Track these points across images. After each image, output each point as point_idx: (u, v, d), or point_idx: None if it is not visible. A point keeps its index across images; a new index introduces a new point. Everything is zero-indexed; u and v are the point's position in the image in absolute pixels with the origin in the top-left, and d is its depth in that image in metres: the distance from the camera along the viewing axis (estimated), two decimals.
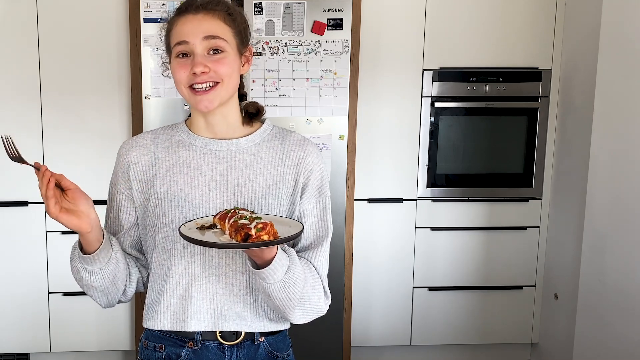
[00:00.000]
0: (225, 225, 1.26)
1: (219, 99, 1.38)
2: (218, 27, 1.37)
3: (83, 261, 1.35)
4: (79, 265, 1.36)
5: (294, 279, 1.34)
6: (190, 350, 1.43)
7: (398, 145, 3.16)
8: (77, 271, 1.38)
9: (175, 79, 1.39)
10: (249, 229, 1.20)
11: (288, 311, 1.38)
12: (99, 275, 1.37)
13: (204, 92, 1.36)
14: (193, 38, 1.35)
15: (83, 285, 1.40)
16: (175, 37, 1.38)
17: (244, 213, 1.27)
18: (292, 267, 1.33)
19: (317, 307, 1.42)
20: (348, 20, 2.85)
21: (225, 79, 1.37)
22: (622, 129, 2.65)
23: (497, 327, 3.35)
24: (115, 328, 3.18)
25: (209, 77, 1.35)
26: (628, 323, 2.58)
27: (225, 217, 1.27)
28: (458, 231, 3.25)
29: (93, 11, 2.98)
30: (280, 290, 1.32)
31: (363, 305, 3.26)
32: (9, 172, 3.04)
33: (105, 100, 3.04)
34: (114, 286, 1.41)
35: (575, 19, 3.04)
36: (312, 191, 1.45)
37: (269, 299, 1.35)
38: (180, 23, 1.38)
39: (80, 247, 1.36)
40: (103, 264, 1.36)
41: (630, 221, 2.57)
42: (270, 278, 1.29)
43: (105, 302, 1.45)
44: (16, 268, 3.10)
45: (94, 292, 1.41)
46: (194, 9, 1.38)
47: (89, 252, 1.34)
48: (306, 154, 1.45)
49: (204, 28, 1.36)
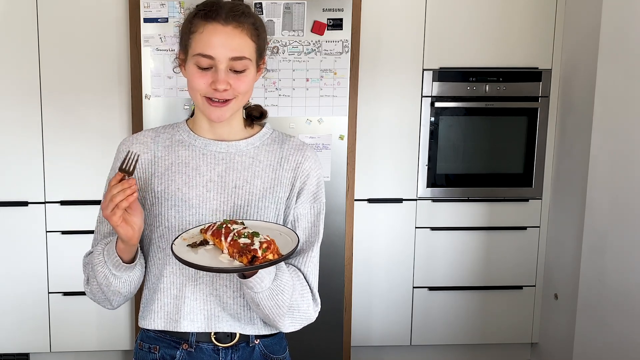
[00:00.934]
0: (223, 244, 1.25)
1: (232, 112, 1.39)
2: (245, 45, 1.36)
3: (115, 268, 1.36)
4: (107, 271, 1.37)
5: (282, 287, 1.34)
6: (184, 352, 1.43)
7: (398, 145, 3.16)
8: (105, 277, 1.38)
9: (192, 86, 1.37)
10: (255, 251, 1.20)
11: (277, 319, 1.38)
12: (128, 281, 1.39)
13: (220, 105, 1.36)
14: (220, 54, 1.33)
15: (109, 291, 1.40)
16: (199, 45, 1.34)
17: (238, 228, 1.26)
18: (280, 275, 1.34)
19: (306, 314, 1.42)
20: (348, 20, 2.85)
21: (242, 95, 1.38)
22: (622, 129, 2.65)
23: (497, 327, 3.35)
24: (115, 328, 3.18)
25: (227, 95, 1.36)
26: (628, 323, 2.58)
27: (220, 234, 1.26)
28: (458, 231, 3.25)
29: (93, 11, 2.98)
30: (268, 298, 1.32)
31: (363, 305, 3.26)
32: (9, 172, 3.04)
33: (105, 100, 3.04)
34: (135, 289, 1.44)
35: (575, 19, 3.04)
36: (307, 196, 1.45)
37: (258, 308, 1.35)
38: (208, 32, 1.34)
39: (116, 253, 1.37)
40: (132, 271, 1.39)
41: (630, 221, 2.57)
42: (258, 287, 1.30)
43: (120, 303, 1.46)
44: (16, 268, 3.10)
45: (117, 296, 1.42)
46: (223, 19, 1.34)
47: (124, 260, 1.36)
48: (304, 158, 1.46)
49: (232, 46, 1.34)
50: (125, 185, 1.27)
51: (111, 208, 1.27)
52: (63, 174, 3.05)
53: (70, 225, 3.07)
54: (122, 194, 1.26)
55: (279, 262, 1.22)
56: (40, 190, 3.06)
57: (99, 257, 1.38)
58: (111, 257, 1.36)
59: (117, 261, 1.35)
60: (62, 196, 3.07)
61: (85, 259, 1.45)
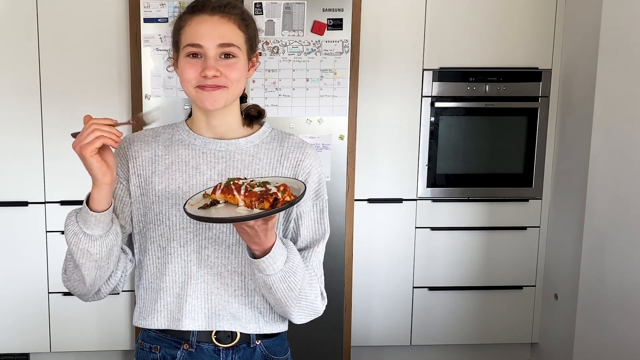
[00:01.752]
0: (237, 198, 1.23)
1: (224, 101, 1.39)
2: (233, 33, 1.37)
3: (85, 223, 1.31)
4: (77, 229, 1.31)
5: (294, 269, 1.34)
6: (185, 351, 1.43)
7: (398, 145, 3.16)
8: (74, 234, 1.32)
9: (183, 78, 1.38)
10: (275, 194, 1.20)
11: (289, 304, 1.37)
12: (98, 242, 1.32)
13: (211, 89, 1.36)
14: (208, 42, 1.35)
15: (78, 250, 1.32)
16: (188, 37, 1.37)
17: (246, 182, 1.26)
18: (291, 257, 1.34)
19: (314, 304, 1.42)
20: (348, 20, 2.85)
21: (234, 84, 1.38)
22: (622, 129, 2.65)
23: (497, 327, 3.35)
24: (115, 328, 3.18)
25: (219, 81, 1.36)
26: (628, 323, 2.58)
27: (231, 190, 1.25)
28: (458, 231, 3.25)
29: (93, 11, 2.98)
30: (281, 280, 1.32)
31: (363, 305, 3.26)
32: (9, 172, 3.04)
33: (105, 100, 3.04)
34: (108, 260, 1.36)
35: (575, 19, 3.04)
36: (310, 194, 1.46)
37: (270, 292, 1.35)
38: (195, 23, 1.36)
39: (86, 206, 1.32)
40: (104, 231, 1.32)
41: (630, 221, 2.57)
42: (271, 268, 1.30)
43: (92, 277, 1.36)
44: (16, 268, 3.10)
45: (87, 260, 1.33)
46: (209, 10, 1.36)
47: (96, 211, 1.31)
48: (304, 156, 1.46)
49: (219, 33, 1.35)
50: (114, 122, 1.27)
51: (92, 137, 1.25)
52: (63, 174, 3.05)
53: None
54: (109, 132, 1.26)
55: (297, 201, 1.21)
56: (40, 190, 3.06)
57: (70, 218, 1.34)
58: (81, 212, 1.32)
59: (85, 211, 1.30)
60: (62, 196, 3.07)
61: None
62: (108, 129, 1.27)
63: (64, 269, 1.41)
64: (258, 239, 1.26)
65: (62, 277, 1.43)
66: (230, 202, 1.25)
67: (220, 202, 1.26)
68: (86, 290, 1.40)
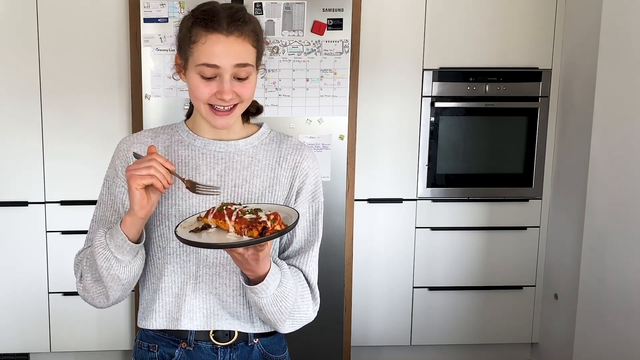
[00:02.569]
0: (228, 223, 1.25)
1: (236, 118, 1.40)
2: (248, 52, 1.36)
3: (118, 249, 1.33)
4: (108, 254, 1.34)
5: (286, 293, 1.36)
6: (183, 350, 1.44)
7: (398, 145, 3.16)
8: (106, 259, 1.34)
9: (195, 95, 1.37)
10: (264, 222, 1.21)
11: (278, 323, 1.40)
12: (128, 267, 1.36)
13: (225, 114, 1.36)
14: (224, 61, 1.32)
15: (108, 275, 1.35)
16: (203, 56, 1.33)
17: (239, 208, 1.27)
18: (284, 282, 1.35)
19: (305, 315, 1.44)
20: (348, 20, 2.85)
21: (247, 102, 1.39)
22: (622, 129, 2.65)
23: (497, 327, 3.35)
24: (115, 328, 3.18)
25: (232, 102, 1.36)
26: (628, 323, 2.58)
27: (222, 215, 1.26)
28: (458, 231, 3.25)
29: (93, 11, 2.98)
30: (272, 304, 1.34)
31: (363, 305, 3.26)
32: (9, 172, 3.04)
33: (105, 100, 3.04)
34: (133, 282, 1.41)
35: (575, 19, 3.04)
36: (306, 196, 1.46)
37: (261, 312, 1.37)
38: (210, 43, 1.32)
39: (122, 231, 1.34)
40: (133, 257, 1.36)
41: (630, 221, 2.57)
42: (263, 293, 1.32)
43: (116, 297, 1.41)
44: (16, 268, 3.10)
45: (115, 283, 1.37)
46: (225, 30, 1.32)
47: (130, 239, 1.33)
48: (302, 158, 1.47)
49: (236, 54, 1.33)
50: (168, 176, 1.28)
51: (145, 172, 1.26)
52: (63, 174, 3.05)
53: (70, 225, 3.07)
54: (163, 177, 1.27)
55: (287, 231, 1.22)
56: (40, 190, 3.06)
57: (101, 240, 1.35)
58: (114, 238, 1.33)
59: (122, 239, 1.32)
60: (62, 196, 3.07)
61: (79, 256, 1.43)
62: (164, 173, 1.28)
63: (81, 280, 1.42)
64: (249, 266, 1.27)
65: (77, 285, 1.44)
66: (222, 227, 1.27)
67: (212, 226, 1.28)
68: (106, 305, 1.44)
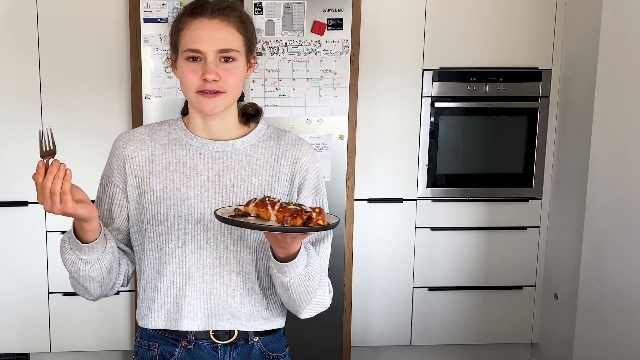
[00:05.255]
0: (270, 212, 1.25)
1: (223, 106, 1.39)
2: (232, 37, 1.37)
3: (80, 251, 1.32)
4: (74, 257, 1.33)
5: (312, 273, 1.36)
6: (183, 349, 1.44)
7: (398, 145, 3.16)
8: (72, 263, 1.34)
9: (184, 82, 1.38)
10: (310, 212, 1.22)
11: (302, 304, 1.40)
12: (97, 265, 1.34)
13: (211, 96, 1.36)
14: (207, 47, 1.35)
15: (80, 276, 1.36)
16: (188, 40, 1.37)
17: (283, 200, 1.29)
18: (311, 261, 1.36)
19: (322, 300, 1.45)
20: (348, 20, 2.85)
21: (232, 90, 1.38)
22: (622, 129, 2.65)
23: (497, 327, 3.35)
24: (115, 328, 3.18)
25: (218, 87, 1.36)
26: (628, 323, 2.58)
27: (265, 204, 1.26)
28: (458, 231, 3.25)
29: (93, 11, 2.98)
30: (299, 283, 1.35)
31: (363, 305, 3.26)
32: (9, 172, 3.04)
33: (105, 100, 3.04)
34: (109, 276, 1.40)
35: (575, 19, 3.04)
36: (309, 190, 1.47)
37: (287, 292, 1.37)
38: (194, 27, 1.36)
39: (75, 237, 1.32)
40: (100, 254, 1.34)
41: (630, 221, 2.57)
42: (292, 272, 1.32)
43: (98, 293, 1.41)
44: (16, 268, 3.10)
45: (90, 282, 1.37)
46: (209, 13, 1.36)
47: (87, 242, 1.32)
48: (301, 153, 1.47)
49: (219, 38, 1.35)
50: (55, 170, 1.20)
51: (58, 201, 1.20)
52: None
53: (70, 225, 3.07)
54: (59, 180, 1.20)
55: (329, 228, 1.23)
56: None
57: (65, 246, 1.34)
58: (72, 241, 1.32)
59: (78, 243, 1.31)
60: None
61: None
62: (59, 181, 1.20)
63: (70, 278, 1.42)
64: (285, 244, 1.27)
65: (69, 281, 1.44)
66: (262, 217, 1.27)
67: (252, 215, 1.28)
68: (94, 299, 1.45)
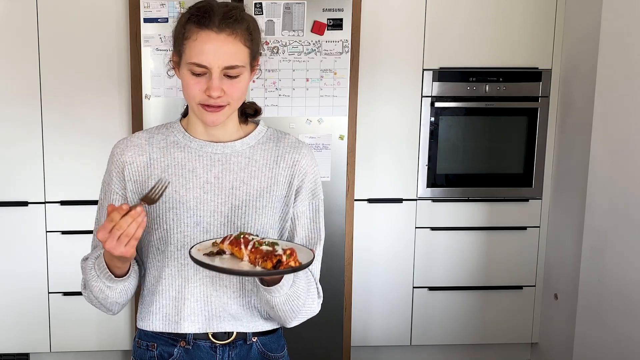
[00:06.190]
0: (243, 252, 1.26)
1: (226, 117, 1.39)
2: (238, 52, 1.34)
3: (109, 280, 1.37)
4: (102, 286, 1.38)
5: (298, 292, 1.38)
6: (182, 349, 1.44)
7: (398, 145, 3.16)
8: (100, 290, 1.39)
9: (187, 93, 1.37)
10: (280, 255, 1.23)
11: (287, 321, 1.42)
12: (124, 291, 1.41)
13: (214, 110, 1.36)
14: (213, 62, 1.32)
15: (108, 303, 1.42)
16: (193, 53, 1.33)
17: (256, 239, 1.29)
18: (297, 281, 1.37)
19: (311, 309, 1.45)
20: (348, 20, 2.85)
21: (235, 101, 1.38)
22: (622, 129, 2.65)
23: (497, 327, 3.35)
24: (115, 328, 3.18)
25: (222, 101, 1.35)
26: (628, 323, 2.58)
27: (239, 243, 1.27)
28: (458, 231, 3.25)
29: (93, 11, 2.98)
30: (284, 302, 1.36)
31: (363, 305, 3.26)
32: (9, 172, 3.04)
33: (105, 100, 3.04)
34: (132, 294, 1.45)
35: (575, 19, 3.04)
36: (306, 194, 1.46)
37: (272, 310, 1.38)
38: (201, 39, 1.32)
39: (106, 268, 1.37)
40: (126, 282, 1.40)
41: (630, 221, 2.57)
42: (277, 292, 1.33)
43: (118, 309, 1.48)
44: (16, 268, 3.10)
45: (115, 306, 1.44)
46: (217, 27, 1.31)
47: (118, 274, 1.37)
48: (301, 156, 1.47)
49: (225, 54, 1.32)
50: (137, 215, 1.25)
51: (125, 242, 1.25)
52: (63, 174, 3.05)
53: (70, 225, 3.07)
54: (136, 224, 1.25)
55: (301, 269, 1.25)
56: (40, 190, 3.06)
57: (92, 273, 1.38)
58: (103, 272, 1.37)
59: (110, 275, 1.36)
60: (62, 196, 3.07)
61: (83, 263, 1.44)
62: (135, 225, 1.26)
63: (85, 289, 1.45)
64: None
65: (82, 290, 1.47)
66: (236, 255, 1.28)
67: (227, 252, 1.29)
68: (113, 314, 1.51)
